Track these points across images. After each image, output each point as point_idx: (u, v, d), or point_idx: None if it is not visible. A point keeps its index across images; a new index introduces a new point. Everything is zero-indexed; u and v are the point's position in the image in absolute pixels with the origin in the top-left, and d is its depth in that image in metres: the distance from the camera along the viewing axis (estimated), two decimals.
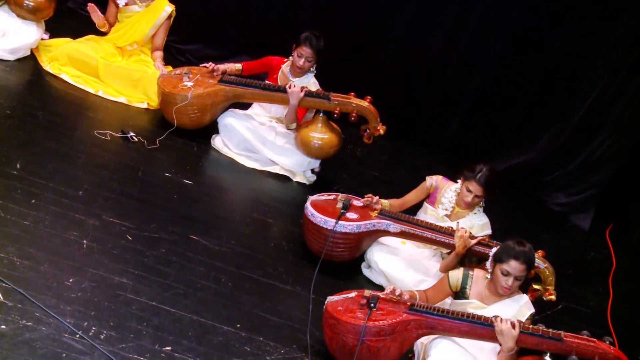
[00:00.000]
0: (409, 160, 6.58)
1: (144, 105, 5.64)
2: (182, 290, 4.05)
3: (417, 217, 4.85)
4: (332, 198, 4.81)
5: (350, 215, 4.66)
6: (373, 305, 3.85)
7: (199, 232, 4.55)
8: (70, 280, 3.80)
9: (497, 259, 3.98)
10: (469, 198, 4.66)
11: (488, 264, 4.05)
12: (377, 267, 4.72)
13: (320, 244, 4.61)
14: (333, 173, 5.77)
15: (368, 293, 3.93)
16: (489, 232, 4.74)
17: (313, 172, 5.60)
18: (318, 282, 4.46)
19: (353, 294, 3.99)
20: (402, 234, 4.70)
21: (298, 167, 5.50)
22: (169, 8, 5.83)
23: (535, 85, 6.47)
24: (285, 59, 5.56)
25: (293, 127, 5.50)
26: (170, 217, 4.59)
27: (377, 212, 4.73)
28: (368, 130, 5.37)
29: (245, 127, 5.48)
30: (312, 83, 5.51)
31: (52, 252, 3.93)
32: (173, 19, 5.89)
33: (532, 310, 4.00)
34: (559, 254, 5.54)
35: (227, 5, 6.59)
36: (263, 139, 5.50)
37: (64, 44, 5.71)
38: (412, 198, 4.96)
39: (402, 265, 4.69)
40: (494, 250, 4.07)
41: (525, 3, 6.24)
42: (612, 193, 6.47)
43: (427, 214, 4.86)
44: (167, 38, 5.99)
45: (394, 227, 4.68)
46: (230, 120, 5.47)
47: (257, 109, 5.70)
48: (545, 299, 4.45)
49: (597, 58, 6.27)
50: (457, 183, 4.80)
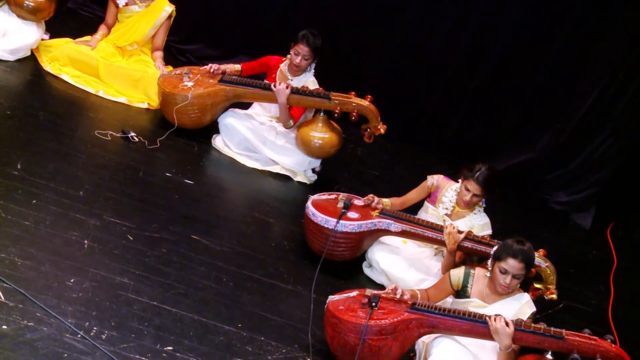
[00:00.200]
0: (410, 160, 6.57)
1: (145, 105, 5.65)
2: (183, 290, 4.05)
3: (417, 216, 4.85)
4: (333, 197, 4.81)
5: (351, 215, 4.66)
6: (374, 304, 3.85)
7: (200, 232, 4.55)
8: (72, 281, 3.80)
9: (496, 257, 3.99)
10: (468, 197, 4.66)
11: (489, 263, 4.05)
12: (378, 266, 4.72)
13: (322, 244, 4.61)
14: (334, 172, 5.76)
15: (369, 292, 3.93)
16: (490, 232, 4.74)
17: (314, 171, 5.60)
18: (319, 281, 4.46)
19: (354, 293, 3.99)
20: (403, 233, 4.70)
21: (299, 166, 5.50)
22: (169, 8, 5.83)
23: (536, 85, 6.47)
24: (284, 58, 5.55)
25: (290, 125, 5.48)
26: (171, 217, 4.59)
27: (378, 211, 4.73)
28: (369, 130, 5.36)
29: (246, 126, 5.48)
30: (310, 81, 5.50)
31: (53, 252, 3.93)
32: (173, 19, 5.90)
33: (533, 309, 4.00)
34: (560, 253, 5.54)
35: (227, 5, 6.59)
36: (263, 139, 5.50)
37: (64, 44, 5.71)
38: (413, 197, 4.96)
39: (403, 265, 4.69)
40: (495, 249, 4.08)
41: (526, 3, 6.23)
42: (612, 192, 6.46)
43: (427, 214, 4.86)
44: (167, 38, 5.99)
45: (395, 226, 4.68)
46: (231, 120, 5.47)
47: (257, 109, 5.70)
48: (547, 298, 4.45)
49: (597, 57, 6.26)
50: (458, 183, 4.79)
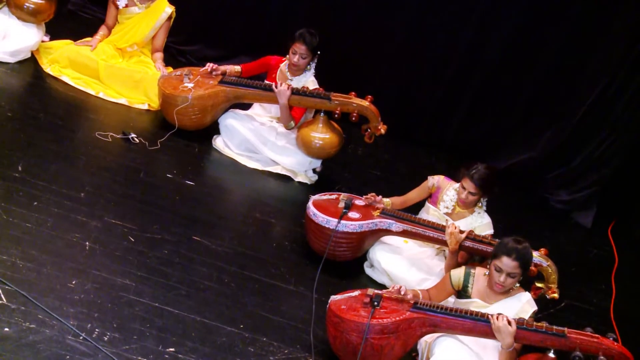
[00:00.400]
0: (410, 160, 6.56)
1: (145, 107, 5.65)
2: (185, 291, 4.05)
3: (419, 216, 4.84)
4: (334, 198, 4.81)
5: (353, 215, 4.66)
6: (376, 304, 3.85)
7: (201, 232, 4.56)
8: (73, 282, 3.80)
9: (492, 255, 4.00)
10: (464, 195, 4.64)
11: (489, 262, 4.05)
12: (379, 266, 4.72)
13: (323, 244, 4.61)
14: (335, 173, 5.77)
15: (371, 291, 3.93)
16: (491, 231, 4.72)
17: (315, 171, 5.60)
18: (321, 281, 4.46)
19: (356, 293, 3.99)
20: (404, 233, 4.70)
21: (299, 167, 5.50)
22: (169, 9, 5.84)
23: (536, 84, 6.46)
24: (284, 58, 5.55)
25: (292, 126, 5.48)
26: (173, 218, 4.59)
27: (379, 211, 4.73)
28: (369, 130, 5.36)
29: (247, 127, 5.48)
30: (310, 82, 5.50)
31: (54, 254, 3.94)
32: (173, 20, 5.90)
33: (534, 308, 4.00)
34: (561, 252, 5.53)
35: (226, 6, 6.59)
36: (264, 139, 5.50)
37: (65, 46, 5.71)
38: (413, 197, 4.96)
39: (404, 264, 4.69)
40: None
41: (526, 3, 6.23)
42: (614, 190, 6.46)
43: (429, 214, 4.84)
44: (167, 39, 6.00)
45: (396, 226, 4.68)
46: (231, 121, 5.47)
47: (257, 110, 5.70)
48: (548, 297, 4.44)
49: (597, 56, 6.25)
50: (459, 183, 4.79)
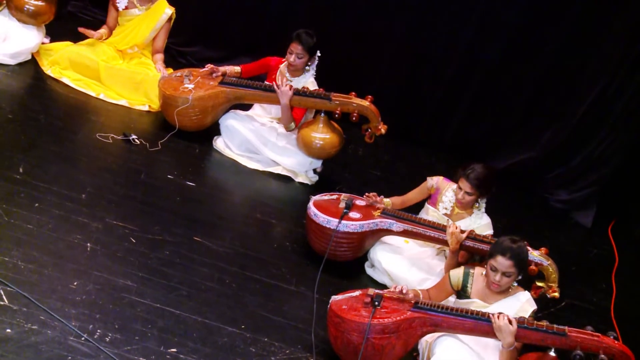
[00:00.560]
0: (410, 160, 6.57)
1: (146, 108, 5.66)
2: (186, 292, 4.06)
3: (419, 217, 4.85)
4: (334, 198, 4.82)
5: (353, 215, 4.67)
6: (377, 304, 3.86)
7: (203, 233, 4.57)
8: (75, 284, 3.81)
9: (488, 255, 4.02)
10: (460, 195, 4.64)
11: None
12: (380, 266, 4.73)
13: (324, 244, 4.62)
14: (335, 173, 5.78)
15: (372, 291, 3.94)
16: (491, 232, 4.72)
17: (315, 172, 5.60)
18: (322, 281, 4.48)
19: (357, 293, 4.00)
20: (404, 233, 4.71)
21: (300, 167, 5.50)
22: (169, 11, 5.84)
23: (536, 84, 6.46)
24: (283, 59, 5.55)
25: (292, 127, 5.49)
26: (174, 219, 4.60)
27: (379, 211, 4.74)
28: (369, 130, 5.36)
29: (247, 128, 5.48)
30: (309, 83, 5.50)
31: (56, 255, 3.95)
32: (173, 22, 5.91)
33: (534, 307, 4.01)
34: (562, 251, 5.53)
35: (226, 7, 6.59)
36: (265, 140, 5.51)
37: (65, 48, 5.72)
38: (412, 197, 4.96)
39: (405, 264, 4.70)
40: None
41: (525, 2, 6.23)
42: (613, 190, 6.46)
43: (428, 215, 4.84)
44: (167, 40, 6.00)
45: (397, 226, 4.69)
46: (232, 122, 5.48)
47: (257, 110, 5.70)
48: (549, 296, 4.44)
49: (597, 56, 6.26)
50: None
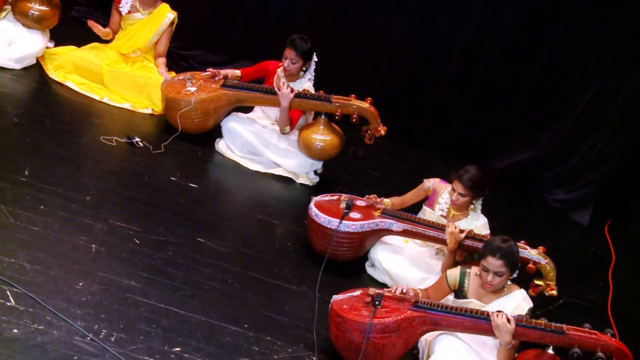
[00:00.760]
0: (410, 160, 6.58)
1: (149, 111, 5.69)
2: (189, 292, 4.10)
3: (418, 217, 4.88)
4: (335, 198, 4.85)
5: (354, 215, 4.70)
6: (378, 303, 3.89)
7: (205, 234, 4.60)
8: (80, 284, 3.86)
9: (480, 255, 4.05)
10: (454, 197, 4.65)
11: None
12: (380, 265, 4.77)
13: (325, 244, 4.66)
14: (336, 174, 5.80)
15: (372, 291, 3.97)
16: (488, 232, 4.73)
17: (316, 173, 5.63)
18: (323, 281, 4.51)
19: (358, 293, 4.03)
20: (404, 233, 4.74)
21: (301, 168, 5.54)
22: (171, 15, 5.87)
23: (534, 84, 6.46)
24: (281, 63, 5.55)
25: (287, 130, 5.49)
26: (177, 220, 4.64)
27: (379, 211, 4.77)
28: (369, 131, 5.40)
29: (249, 130, 5.51)
30: (307, 87, 5.51)
31: (61, 256, 3.99)
32: (175, 26, 5.93)
33: (530, 305, 4.03)
34: (559, 250, 5.57)
35: (228, 11, 6.60)
36: (266, 142, 5.54)
37: (69, 52, 5.75)
38: (410, 198, 4.98)
39: (405, 264, 4.73)
40: None
41: (524, 2, 6.23)
42: (610, 189, 6.46)
43: (425, 216, 4.85)
44: (169, 44, 6.03)
45: (397, 226, 4.72)
46: (234, 124, 5.50)
47: (258, 113, 5.73)
48: (547, 294, 4.47)
49: (596, 55, 6.25)
50: None
